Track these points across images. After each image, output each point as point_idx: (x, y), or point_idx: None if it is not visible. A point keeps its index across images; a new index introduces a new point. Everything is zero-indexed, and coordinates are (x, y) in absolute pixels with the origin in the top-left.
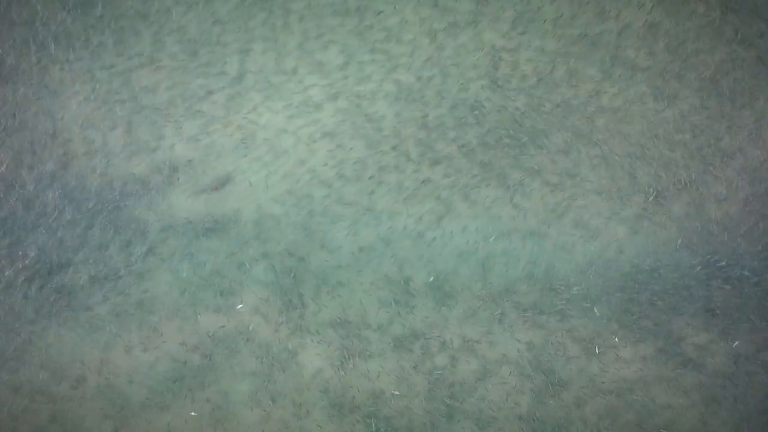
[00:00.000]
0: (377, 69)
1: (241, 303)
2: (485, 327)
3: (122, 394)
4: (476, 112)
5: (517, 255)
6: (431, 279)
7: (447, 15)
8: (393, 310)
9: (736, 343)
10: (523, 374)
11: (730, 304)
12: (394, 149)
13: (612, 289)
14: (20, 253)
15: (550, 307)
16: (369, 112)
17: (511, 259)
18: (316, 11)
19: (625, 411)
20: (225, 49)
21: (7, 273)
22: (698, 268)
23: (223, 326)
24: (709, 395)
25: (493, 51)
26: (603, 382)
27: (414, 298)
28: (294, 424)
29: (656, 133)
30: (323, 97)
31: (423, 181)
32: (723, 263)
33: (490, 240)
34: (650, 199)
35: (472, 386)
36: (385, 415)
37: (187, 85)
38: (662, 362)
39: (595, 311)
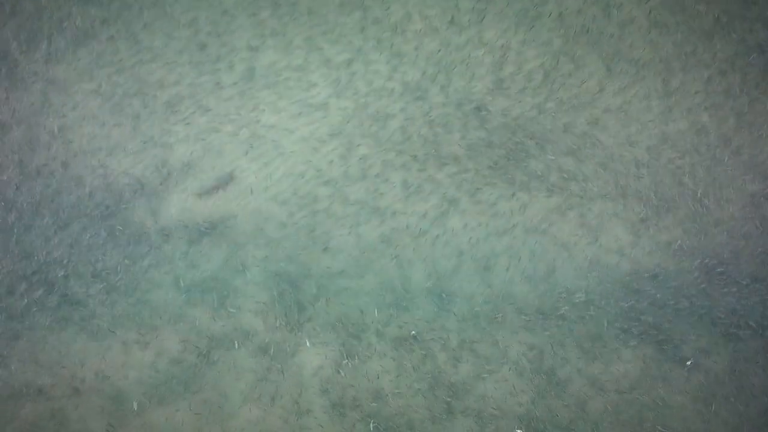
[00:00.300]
0: (383, 66)
1: (239, 307)
2: (486, 328)
3: (121, 393)
4: (482, 113)
5: (518, 256)
6: (430, 283)
7: (451, 11)
8: (394, 310)
9: (737, 346)
10: (524, 374)
11: (731, 308)
12: (400, 147)
13: (613, 292)
14: (19, 253)
15: (552, 310)
16: (375, 110)
17: (513, 259)
18: (321, 4)
19: (625, 411)
20: (233, 44)
21: (5, 273)
22: (698, 272)
23: (223, 326)
24: (709, 397)
25: (498, 48)
26: (604, 383)
27: (415, 299)
28: (294, 423)
29: (660, 134)
30: (329, 93)
31: (427, 179)
32: (723, 268)
33: (492, 240)
34: (652, 201)
35: (472, 385)
36: (385, 415)
37: (194, 80)
38: (663, 365)
39: (597, 314)
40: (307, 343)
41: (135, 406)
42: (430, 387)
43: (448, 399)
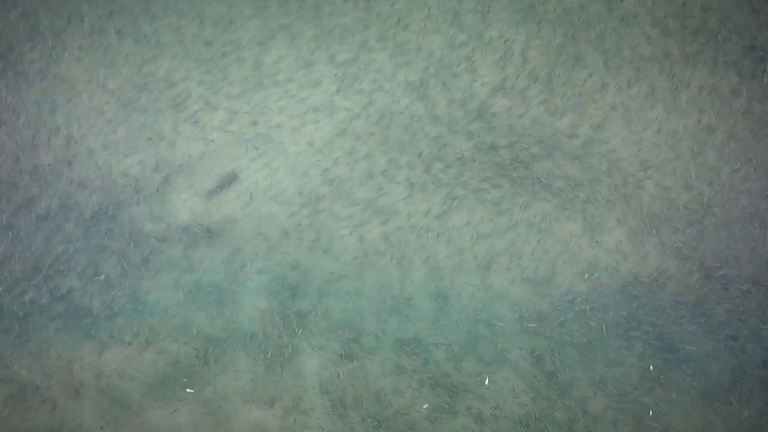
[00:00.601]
0: (387, 64)
1: (239, 310)
2: (486, 329)
3: (120, 393)
4: (486, 114)
5: (519, 257)
6: (433, 286)
7: (453, 7)
8: (395, 312)
9: (736, 350)
10: (524, 375)
11: (730, 312)
12: (404, 146)
13: (612, 296)
14: (20, 254)
15: (553, 316)
16: (379, 108)
17: (514, 260)
18: (327, 2)
19: (625, 412)
20: (240, 40)
21: (5, 274)
22: (698, 274)
23: (223, 327)
24: (709, 399)
25: (501, 46)
26: (604, 384)
27: (415, 301)
28: (293, 423)
29: (662, 133)
30: (334, 90)
31: (430, 179)
32: (723, 271)
33: (494, 240)
34: (653, 202)
35: (472, 386)
36: (385, 415)
37: (202, 77)
38: (663, 368)
39: (597, 321)
40: (309, 344)
41: (134, 407)
42: (430, 387)
43: (449, 399)
